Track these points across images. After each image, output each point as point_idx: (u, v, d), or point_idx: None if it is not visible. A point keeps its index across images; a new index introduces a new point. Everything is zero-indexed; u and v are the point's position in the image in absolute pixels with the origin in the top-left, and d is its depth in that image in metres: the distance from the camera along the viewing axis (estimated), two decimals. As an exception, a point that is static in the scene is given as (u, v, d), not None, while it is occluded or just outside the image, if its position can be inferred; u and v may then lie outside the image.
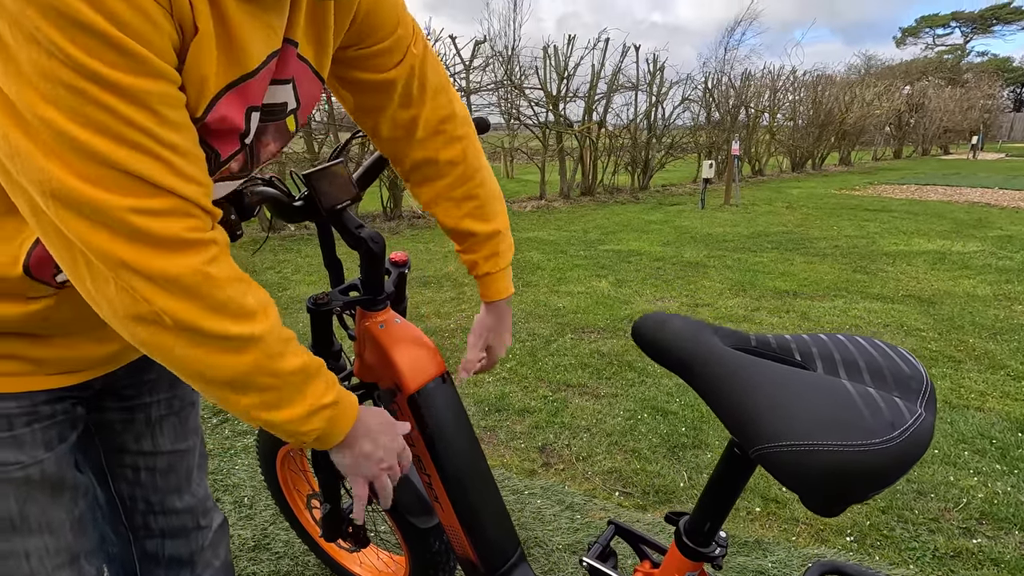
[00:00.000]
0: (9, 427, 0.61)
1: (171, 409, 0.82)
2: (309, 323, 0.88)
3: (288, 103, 0.65)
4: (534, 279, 4.29)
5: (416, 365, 0.86)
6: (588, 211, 8.01)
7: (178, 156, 0.47)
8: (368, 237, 0.82)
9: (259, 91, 0.58)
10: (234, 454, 1.99)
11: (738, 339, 0.60)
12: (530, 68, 8.41)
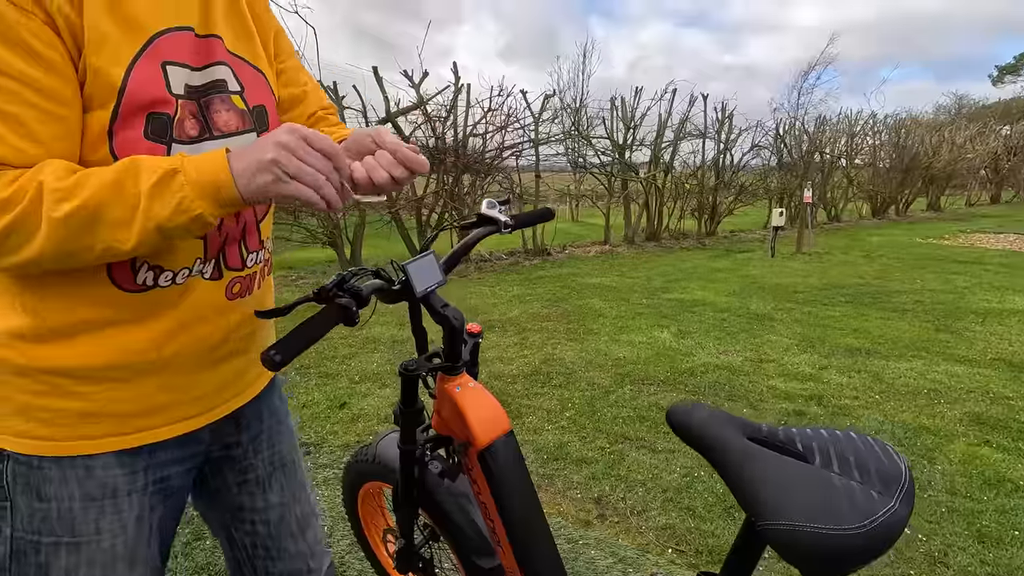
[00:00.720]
0: (112, 495, 0.72)
1: (274, 465, 0.95)
2: (400, 384, 1.06)
3: (228, 81, 0.74)
4: (595, 327, 4.38)
5: (486, 424, 1.01)
6: (653, 257, 8.04)
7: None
8: (451, 315, 1.00)
9: (172, 51, 0.66)
10: (316, 484, 2.20)
11: (752, 429, 0.70)
12: (597, 118, 8.68)
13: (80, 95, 0.61)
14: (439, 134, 6.94)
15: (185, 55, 0.69)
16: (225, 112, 0.74)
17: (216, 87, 0.72)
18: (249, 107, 0.77)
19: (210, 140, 0.72)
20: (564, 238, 9.67)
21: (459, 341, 1.03)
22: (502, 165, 7.56)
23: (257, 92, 0.79)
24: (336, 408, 2.88)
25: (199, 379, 0.79)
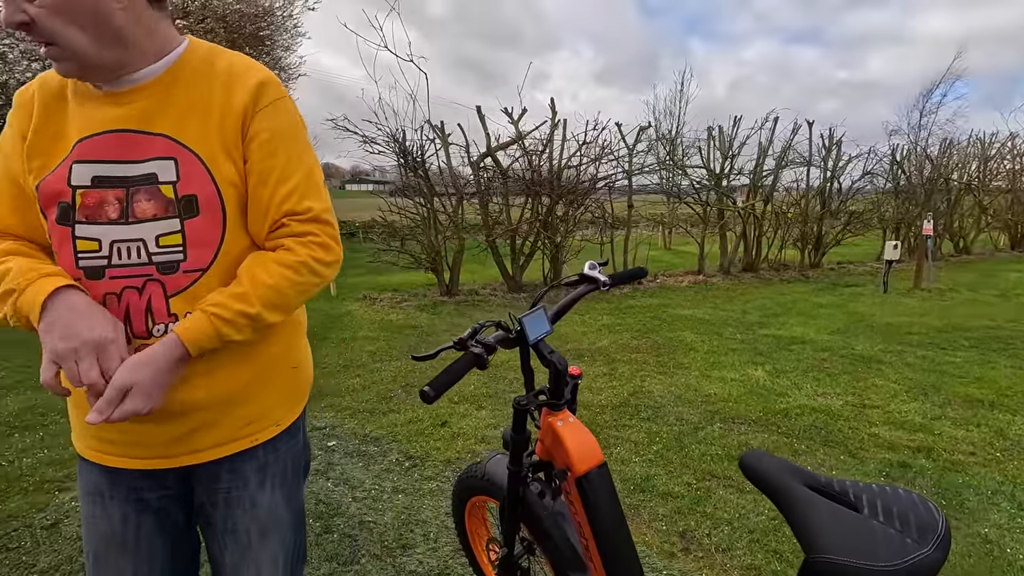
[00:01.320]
0: (100, 493, 0.96)
1: (227, 529, 1.00)
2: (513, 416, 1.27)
3: (157, 175, 0.86)
4: (686, 361, 4.39)
5: (584, 455, 1.19)
6: (749, 289, 7.79)
7: None
8: (556, 360, 1.20)
9: (84, 153, 0.85)
10: (422, 495, 2.46)
11: (812, 479, 0.83)
12: (693, 146, 8.64)
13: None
14: (535, 166, 7.27)
15: (100, 151, 0.86)
16: (145, 202, 0.87)
17: (142, 180, 0.86)
18: (177, 196, 0.87)
19: (125, 224, 0.86)
20: (656, 267, 9.62)
21: (563, 382, 1.22)
22: (595, 195, 7.74)
23: (197, 185, 0.88)
24: (438, 426, 3.16)
25: (142, 429, 0.92)
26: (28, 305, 0.81)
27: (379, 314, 6.27)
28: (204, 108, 0.90)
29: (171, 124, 0.88)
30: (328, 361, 4.45)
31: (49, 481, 2.58)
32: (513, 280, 7.48)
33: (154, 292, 0.88)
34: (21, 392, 3.80)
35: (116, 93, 0.89)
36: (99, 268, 0.87)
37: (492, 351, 1.09)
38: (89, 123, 0.87)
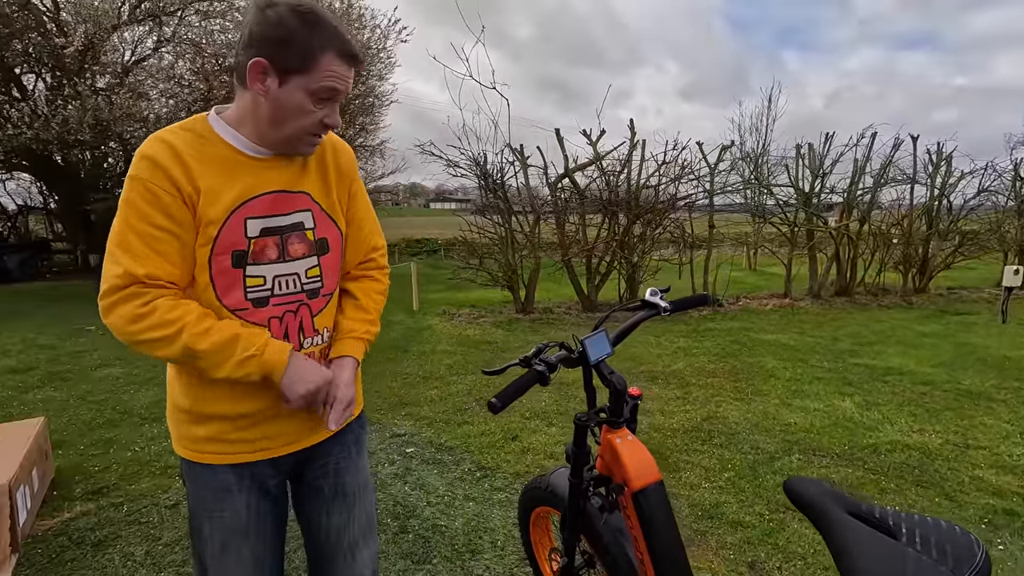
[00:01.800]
0: (227, 489, 1.12)
1: (336, 492, 1.24)
2: (574, 431, 1.36)
3: (303, 222, 1.11)
4: (766, 388, 4.23)
5: (640, 471, 1.26)
6: (842, 315, 7.32)
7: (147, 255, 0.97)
8: (616, 381, 1.28)
9: (252, 209, 1.04)
10: (491, 504, 2.58)
11: (854, 506, 0.85)
12: (780, 165, 8.30)
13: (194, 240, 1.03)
14: (612, 187, 7.31)
15: (265, 209, 1.07)
16: (297, 243, 1.11)
17: (293, 227, 1.11)
18: (316, 240, 1.14)
19: (281, 262, 1.10)
20: (738, 288, 9.27)
21: (622, 402, 1.30)
22: (673, 215, 7.63)
23: (325, 229, 1.16)
24: (509, 440, 3.28)
25: (276, 424, 1.14)
26: (271, 365, 1.04)
27: (457, 329, 6.52)
28: (324, 172, 1.17)
29: (307, 184, 1.13)
30: (409, 372, 4.71)
31: (172, 467, 2.95)
32: (588, 299, 7.51)
33: (304, 314, 1.14)
34: (151, 387, 4.34)
35: (271, 159, 1.08)
36: (264, 298, 1.09)
37: (554, 369, 1.19)
38: (253, 186, 1.05)
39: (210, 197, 1.01)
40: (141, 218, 0.97)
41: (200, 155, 1.02)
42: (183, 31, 12.61)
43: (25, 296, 10.15)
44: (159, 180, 0.97)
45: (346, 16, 13.37)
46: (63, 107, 10.24)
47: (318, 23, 0.99)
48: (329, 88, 1.01)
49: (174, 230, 0.99)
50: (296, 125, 1.03)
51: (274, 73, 0.99)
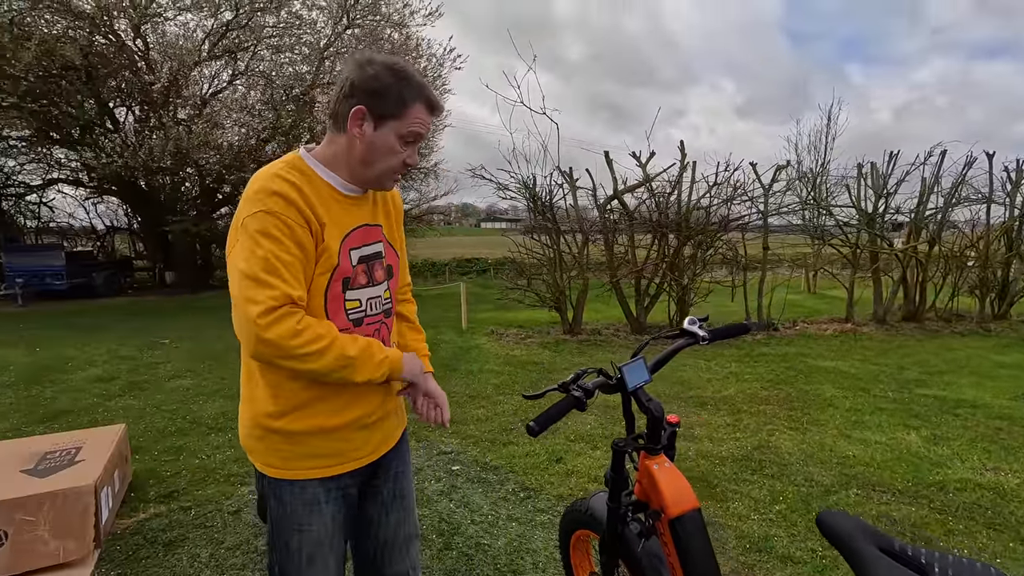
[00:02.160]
0: (316, 503, 1.23)
1: (395, 495, 1.40)
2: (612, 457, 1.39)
3: (381, 252, 1.29)
4: (823, 417, 4.06)
5: (677, 498, 1.27)
6: (909, 341, 6.92)
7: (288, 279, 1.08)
8: (653, 408, 1.31)
9: (353, 241, 1.21)
10: (534, 526, 2.60)
11: (886, 542, 0.84)
12: (840, 185, 8.01)
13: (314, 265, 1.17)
14: (662, 208, 7.26)
15: (359, 240, 1.23)
16: (379, 270, 1.29)
17: (376, 256, 1.28)
18: (386, 266, 1.32)
19: (370, 287, 1.25)
20: (796, 311, 8.93)
21: (659, 428, 1.32)
22: (726, 236, 7.48)
23: (391, 257, 1.34)
24: (553, 462, 3.29)
25: (363, 435, 1.28)
26: (398, 363, 1.22)
27: (505, 349, 6.60)
28: (386, 209, 1.35)
29: (379, 218, 1.31)
30: (457, 391, 4.81)
31: (235, 475, 3.14)
32: (637, 321, 7.44)
33: (384, 331, 1.31)
34: (217, 399, 4.63)
35: (357, 198, 1.24)
36: (360, 318, 1.24)
37: (591, 395, 1.23)
38: (349, 220, 1.21)
39: (327, 229, 1.15)
40: (282, 248, 1.07)
41: (313, 192, 1.14)
42: (255, 64, 13.54)
43: (110, 310, 11.01)
44: (292, 215, 1.09)
45: (404, 46, 13.99)
46: (149, 137, 11.16)
47: (408, 78, 1.16)
48: (415, 132, 1.17)
49: (303, 259, 1.11)
50: (384, 164, 1.18)
51: (371, 119, 1.14)
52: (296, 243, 1.09)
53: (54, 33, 10.76)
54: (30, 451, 2.60)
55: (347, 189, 1.21)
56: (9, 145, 14.03)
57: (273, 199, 1.09)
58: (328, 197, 1.17)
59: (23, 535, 2.07)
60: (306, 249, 1.11)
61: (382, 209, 1.32)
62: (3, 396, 4.79)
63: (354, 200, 1.23)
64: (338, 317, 1.19)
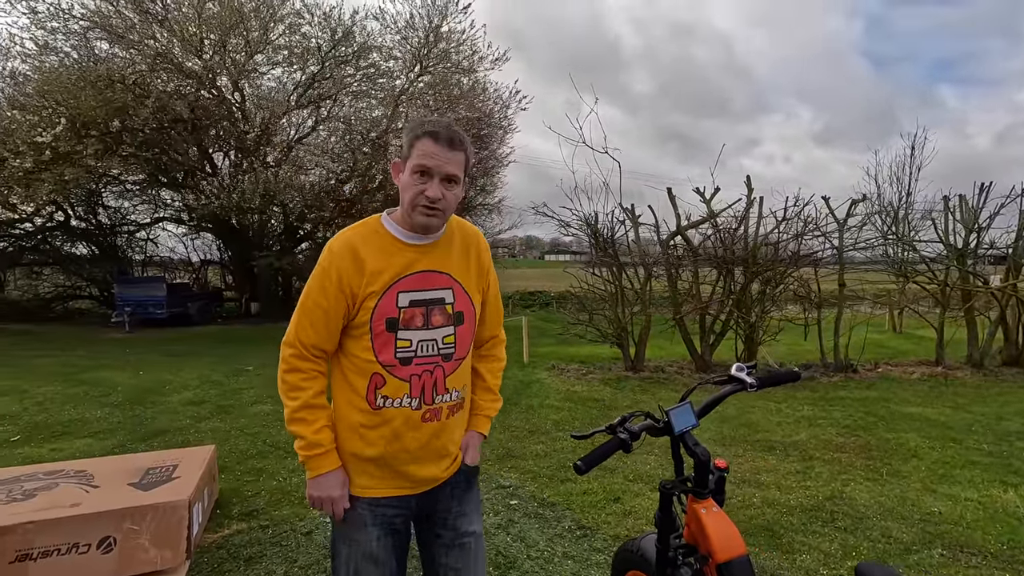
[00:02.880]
0: (362, 521, 1.36)
1: (454, 541, 1.45)
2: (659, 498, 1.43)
3: (445, 297, 1.36)
4: (905, 468, 3.79)
5: (725, 544, 1.29)
6: (1012, 388, 6.32)
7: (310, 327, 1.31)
8: (700, 453, 1.34)
9: (404, 285, 1.31)
10: (589, 565, 2.60)
11: None
12: (925, 218, 7.56)
13: (348, 313, 1.33)
14: (728, 244, 7.13)
15: (415, 285, 1.33)
16: (438, 315, 1.36)
17: (435, 301, 1.36)
18: (454, 312, 1.38)
19: (424, 329, 1.34)
20: (877, 352, 8.37)
21: (707, 473, 1.36)
22: (796, 272, 7.21)
23: (463, 305, 1.40)
24: (611, 501, 3.28)
25: (406, 469, 1.37)
26: (311, 467, 1.34)
27: (565, 384, 6.62)
28: (464, 256, 1.43)
29: (449, 266, 1.39)
30: (517, 425, 4.88)
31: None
32: (702, 359, 7.24)
33: (439, 375, 1.36)
34: (293, 425, 4.94)
35: (424, 246, 1.36)
36: (409, 358, 1.33)
37: (636, 438, 1.29)
38: (406, 266, 1.33)
39: (374, 275, 1.30)
40: (311, 297, 1.33)
41: (370, 244, 1.33)
42: (336, 111, 14.63)
43: (202, 338, 11.98)
44: (332, 272, 1.31)
45: (472, 91, 14.68)
46: (241, 180, 12.26)
47: (422, 122, 1.32)
48: (420, 165, 1.28)
49: (328, 311, 1.32)
50: (408, 198, 1.30)
51: (402, 166, 1.34)
52: (324, 295, 1.31)
53: (168, 91, 12.17)
54: (136, 466, 2.91)
55: (407, 237, 1.35)
56: (126, 188, 15.82)
57: (325, 254, 1.33)
58: (388, 246, 1.34)
59: (129, 542, 2.33)
60: (331, 302, 1.31)
61: (460, 259, 1.41)
62: (112, 415, 5.34)
63: (419, 248, 1.35)
64: (384, 353, 1.31)
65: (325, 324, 1.32)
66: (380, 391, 1.32)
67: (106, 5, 12.18)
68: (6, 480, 2.75)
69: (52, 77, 11.29)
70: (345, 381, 1.36)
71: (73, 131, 11.10)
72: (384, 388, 1.32)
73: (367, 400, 1.33)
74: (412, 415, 1.34)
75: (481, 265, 1.46)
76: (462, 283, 1.40)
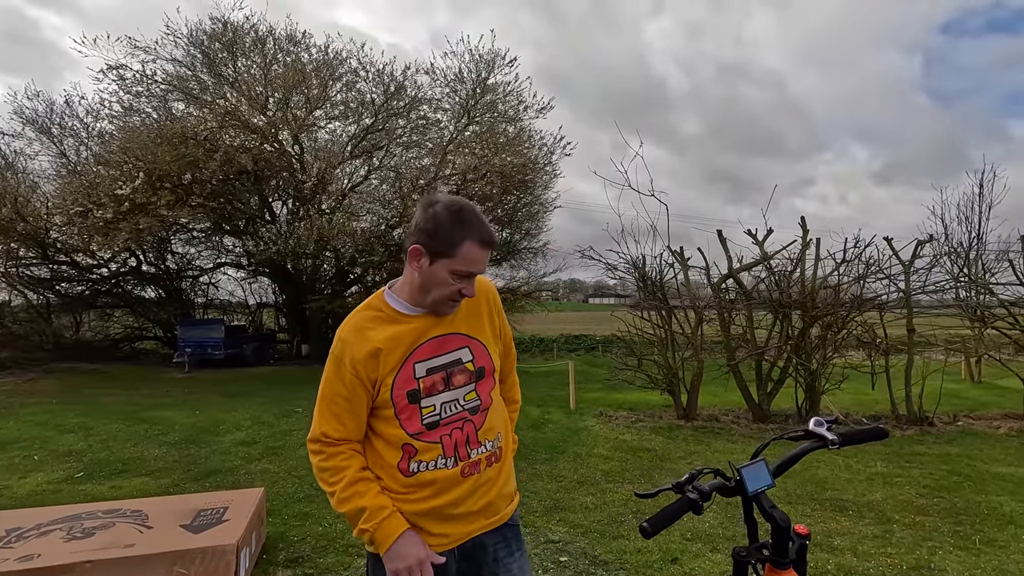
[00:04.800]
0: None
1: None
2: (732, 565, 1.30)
3: (461, 358, 1.34)
4: (1001, 537, 3.40)
5: (811, 623, 1.15)
6: (1117, 447, 5.66)
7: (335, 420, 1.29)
8: (778, 516, 1.22)
9: (419, 355, 1.30)
10: (648, 634, 2.41)
11: None
12: (999, 261, 7.07)
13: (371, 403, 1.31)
14: (783, 287, 6.85)
15: (430, 352, 1.32)
16: (459, 375, 1.35)
17: (454, 363, 1.34)
18: (475, 368, 1.37)
19: (447, 391, 1.33)
20: (955, 404, 7.72)
21: (786, 540, 1.23)
22: (860, 317, 6.83)
23: (482, 359, 1.39)
24: (668, 562, 3.06)
25: (448, 525, 1.33)
26: (380, 540, 1.27)
27: (614, 432, 6.38)
28: (475, 311, 1.41)
29: (459, 325, 1.38)
30: (564, 475, 4.70)
31: (352, 546, 3.29)
32: (759, 408, 6.87)
33: (469, 429, 1.35)
34: (339, 468, 4.93)
35: (427, 316, 1.34)
36: (436, 422, 1.32)
37: (707, 498, 1.19)
38: (416, 337, 1.32)
39: (387, 353, 1.29)
40: (332, 389, 1.30)
41: (376, 326, 1.32)
42: (387, 160, 15.28)
43: (255, 379, 12.34)
44: (346, 361, 1.29)
45: (517, 138, 15.06)
46: (297, 227, 12.84)
47: (462, 219, 1.25)
48: (466, 272, 1.27)
49: (350, 399, 1.29)
50: (439, 293, 1.29)
51: (427, 255, 1.26)
52: (343, 384, 1.29)
53: (234, 145, 13.05)
54: (188, 507, 2.94)
55: (413, 311, 1.33)
56: (192, 236, 16.85)
57: (337, 344, 1.32)
58: (395, 322, 1.32)
59: (177, 586, 2.33)
60: (351, 391, 1.29)
61: (470, 314, 1.40)
62: (169, 454, 5.49)
63: (422, 318, 1.33)
64: (411, 424, 1.30)
65: (350, 412, 1.30)
66: (414, 459, 1.31)
67: (184, 70, 13.35)
68: (69, 517, 2.83)
69: (134, 136, 12.34)
70: (378, 456, 1.33)
71: (149, 184, 11.99)
72: (417, 455, 1.31)
73: (400, 469, 1.31)
74: (450, 474, 1.32)
75: (494, 314, 1.46)
76: (478, 338, 1.39)
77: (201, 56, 13.34)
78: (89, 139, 14.59)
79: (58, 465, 5.11)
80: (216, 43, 13.30)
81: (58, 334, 16.48)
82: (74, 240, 13.97)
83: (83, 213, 11.96)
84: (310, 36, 14.13)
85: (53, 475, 4.80)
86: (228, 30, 13.31)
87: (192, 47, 13.31)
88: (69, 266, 15.97)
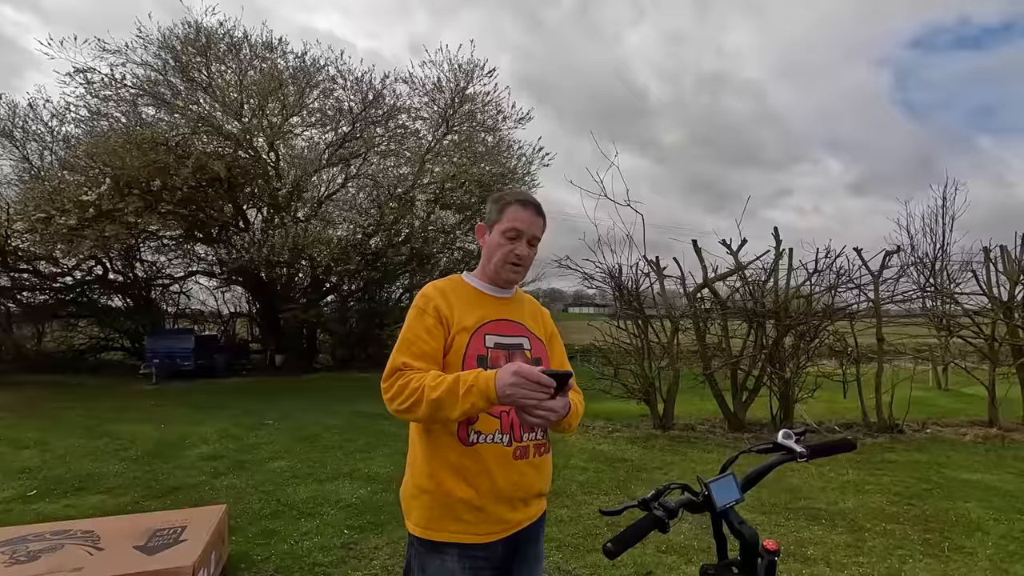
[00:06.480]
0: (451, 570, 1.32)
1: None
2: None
3: (523, 344, 1.47)
4: (969, 544, 3.43)
5: (780, 644, 1.11)
6: (1077, 452, 5.82)
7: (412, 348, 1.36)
8: (746, 532, 1.18)
9: (490, 329, 1.43)
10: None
11: None
12: (962, 272, 7.27)
13: (445, 344, 1.40)
14: (757, 297, 6.93)
15: (498, 330, 1.46)
16: (519, 358, 1.44)
17: (516, 346, 1.48)
18: (532, 357, 1.49)
19: None
20: (924, 411, 7.87)
21: (755, 557, 1.19)
22: (832, 326, 6.93)
23: (539, 351, 1.52)
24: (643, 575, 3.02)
25: (498, 512, 1.37)
26: (484, 385, 1.21)
27: (591, 443, 6.34)
28: (533, 315, 1.59)
29: (523, 318, 1.54)
30: (539, 487, 4.63)
31: (319, 565, 3.17)
32: (735, 417, 6.91)
33: None
34: (309, 483, 4.79)
35: (501, 299, 1.53)
36: None
37: (674, 515, 1.15)
38: (489, 313, 1.48)
39: (463, 318, 1.43)
40: (411, 330, 1.40)
41: (457, 292, 1.49)
42: (365, 168, 15.14)
43: (226, 390, 12.00)
44: (429, 308, 1.42)
45: (496, 148, 15.08)
46: (272, 235, 12.61)
47: (504, 192, 1.55)
48: (513, 228, 1.46)
49: (431, 333, 1.40)
50: (498, 256, 1.47)
51: (488, 228, 1.52)
52: (424, 328, 1.39)
53: (207, 152, 12.80)
54: (144, 527, 2.80)
55: (489, 290, 1.52)
56: (162, 243, 16.43)
57: (421, 298, 1.46)
58: (471, 296, 1.49)
59: (127, 613, 2.19)
60: (432, 332, 1.39)
61: (530, 316, 1.57)
62: (129, 469, 5.27)
63: (499, 300, 1.52)
64: None
65: (430, 346, 1.37)
66: (472, 427, 1.35)
67: (155, 74, 13.06)
68: (13, 540, 2.66)
69: (101, 140, 12.00)
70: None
71: (116, 190, 11.66)
72: (476, 424, 1.35)
73: (459, 437, 1.35)
74: (504, 451, 1.37)
75: (546, 322, 1.62)
76: (537, 334, 1.54)
77: (173, 61, 13.08)
78: (54, 143, 14.16)
79: (9, 483, 4.85)
80: (189, 47, 13.06)
81: (19, 345, 15.86)
82: (36, 247, 13.48)
83: (46, 219, 11.54)
84: (287, 43, 13.98)
85: (3, 494, 4.56)
86: (201, 35, 13.09)
87: (163, 51, 13.04)
88: (31, 274, 15.41)
